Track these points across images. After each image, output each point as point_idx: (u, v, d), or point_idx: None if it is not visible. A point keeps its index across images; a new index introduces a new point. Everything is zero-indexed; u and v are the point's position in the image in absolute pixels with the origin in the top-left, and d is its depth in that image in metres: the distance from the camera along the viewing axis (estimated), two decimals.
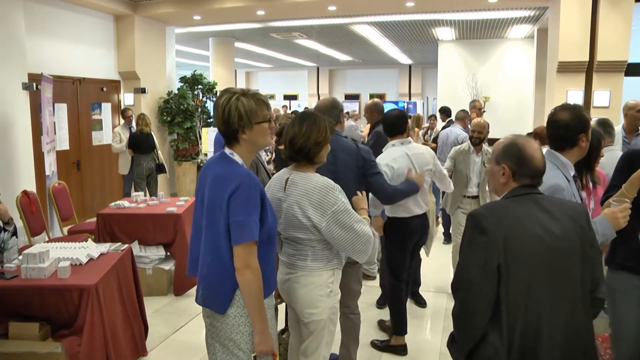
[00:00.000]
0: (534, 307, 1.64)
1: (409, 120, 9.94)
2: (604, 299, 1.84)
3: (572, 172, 2.26)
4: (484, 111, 10.26)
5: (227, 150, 1.97)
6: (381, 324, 4.03)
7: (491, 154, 1.91)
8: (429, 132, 8.75)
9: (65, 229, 5.42)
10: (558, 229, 1.69)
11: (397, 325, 3.60)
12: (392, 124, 3.60)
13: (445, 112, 8.30)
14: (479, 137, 4.47)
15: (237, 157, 1.95)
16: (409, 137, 3.60)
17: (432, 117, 9.20)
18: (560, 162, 2.23)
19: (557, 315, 1.65)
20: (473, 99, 8.75)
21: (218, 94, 2.01)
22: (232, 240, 1.83)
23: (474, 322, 1.68)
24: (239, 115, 1.90)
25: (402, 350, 3.58)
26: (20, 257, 2.96)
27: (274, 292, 2.10)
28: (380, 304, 4.42)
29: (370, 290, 4.59)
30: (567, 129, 2.21)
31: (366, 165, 2.88)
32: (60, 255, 3.11)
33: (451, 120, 7.64)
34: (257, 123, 1.93)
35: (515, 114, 10.89)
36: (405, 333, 3.60)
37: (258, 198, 1.87)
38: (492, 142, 9.16)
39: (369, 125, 4.98)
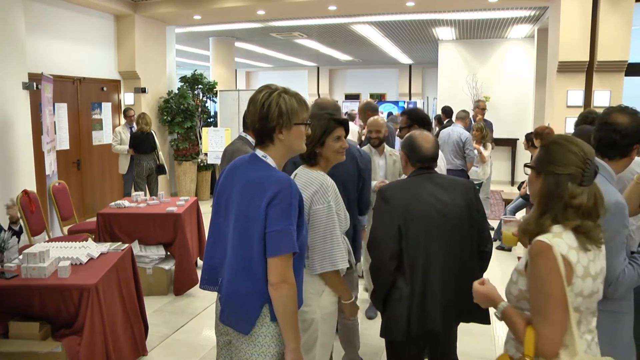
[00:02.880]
0: (429, 258, 2.14)
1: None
2: (490, 252, 2.30)
3: (618, 186, 2.01)
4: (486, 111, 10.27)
5: (260, 152, 1.79)
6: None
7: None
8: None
9: (66, 229, 5.42)
10: (448, 198, 2.19)
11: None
12: (427, 123, 3.75)
13: (445, 112, 8.33)
14: (377, 136, 3.96)
15: (270, 161, 1.77)
16: None
17: (436, 118, 9.28)
18: (609, 175, 1.93)
19: (449, 264, 2.16)
20: (477, 99, 8.76)
21: (257, 90, 1.83)
22: (269, 251, 1.65)
23: (385, 270, 2.17)
24: (279, 112, 1.74)
25: None
26: (21, 257, 2.96)
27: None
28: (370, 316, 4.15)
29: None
30: (624, 136, 1.92)
31: (366, 170, 3.07)
32: (61, 254, 3.12)
33: (450, 120, 7.70)
34: (296, 124, 1.78)
35: (515, 114, 10.89)
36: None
37: (297, 206, 1.71)
38: (497, 141, 9.13)
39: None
